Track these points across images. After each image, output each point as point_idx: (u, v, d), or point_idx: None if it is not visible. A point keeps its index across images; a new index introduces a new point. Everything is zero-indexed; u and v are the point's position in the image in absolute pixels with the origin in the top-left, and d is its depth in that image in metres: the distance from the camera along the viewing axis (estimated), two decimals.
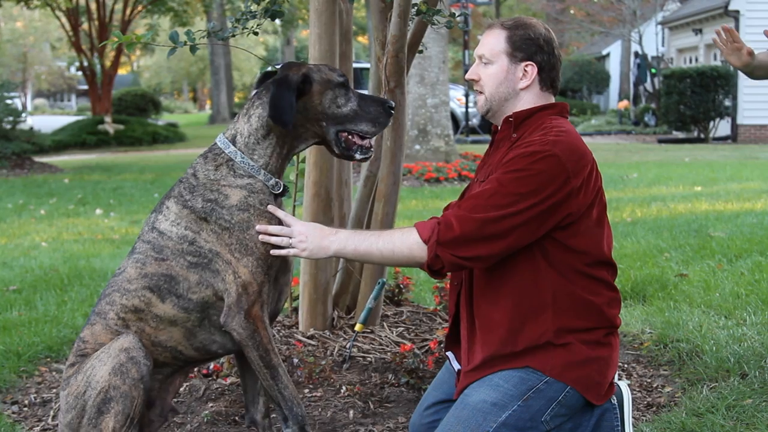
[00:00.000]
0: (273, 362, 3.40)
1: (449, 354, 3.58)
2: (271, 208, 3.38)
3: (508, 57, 3.32)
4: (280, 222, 3.36)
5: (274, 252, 3.33)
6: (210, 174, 3.41)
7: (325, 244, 3.29)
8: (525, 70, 3.32)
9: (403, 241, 3.21)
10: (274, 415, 3.69)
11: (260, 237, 3.31)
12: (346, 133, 3.42)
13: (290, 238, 3.32)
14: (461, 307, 3.44)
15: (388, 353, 4.83)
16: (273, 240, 3.32)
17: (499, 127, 3.41)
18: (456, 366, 3.51)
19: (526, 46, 3.31)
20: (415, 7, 4.80)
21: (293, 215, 5.20)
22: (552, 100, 3.39)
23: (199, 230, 3.35)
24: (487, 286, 3.31)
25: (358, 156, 3.47)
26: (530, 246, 3.19)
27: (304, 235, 3.31)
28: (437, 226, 3.14)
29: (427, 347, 4.86)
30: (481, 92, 3.40)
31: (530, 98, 3.34)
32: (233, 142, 3.44)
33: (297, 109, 3.35)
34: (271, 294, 3.45)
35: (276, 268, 3.43)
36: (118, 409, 3.26)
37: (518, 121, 3.33)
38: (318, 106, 3.40)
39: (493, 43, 3.35)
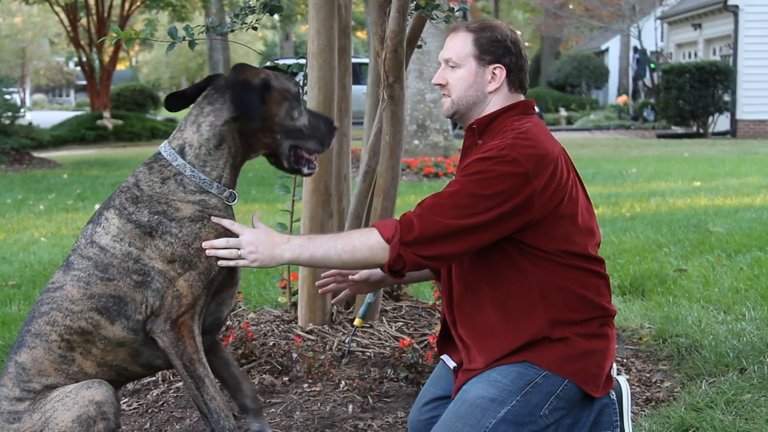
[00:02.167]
0: (198, 372, 3.26)
1: (444, 357, 3.57)
2: (215, 219, 3.24)
3: (476, 60, 3.30)
4: (228, 233, 3.25)
5: (222, 263, 3.22)
6: (156, 187, 3.23)
7: (277, 253, 3.19)
8: (493, 73, 3.30)
9: (363, 242, 3.15)
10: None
11: (207, 251, 3.20)
12: (297, 148, 3.36)
13: (239, 249, 3.21)
14: (446, 315, 3.47)
15: (387, 348, 4.83)
16: (221, 253, 3.21)
17: (464, 135, 3.41)
18: (452, 364, 3.51)
19: (494, 48, 3.29)
20: (414, 2, 4.79)
21: (292, 210, 5.23)
22: (521, 99, 3.37)
23: (144, 246, 3.18)
24: (467, 293, 3.31)
25: (305, 171, 3.42)
26: (503, 246, 3.18)
27: (253, 245, 3.19)
28: (399, 225, 3.11)
29: (426, 342, 4.86)
30: (447, 95, 3.38)
31: (498, 101, 3.32)
32: (182, 153, 3.26)
33: (257, 118, 3.24)
34: (211, 306, 3.34)
35: (218, 283, 3.30)
36: None
37: (481, 127, 3.32)
38: (274, 116, 3.30)
39: (459, 46, 3.33)
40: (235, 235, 3.24)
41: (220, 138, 3.26)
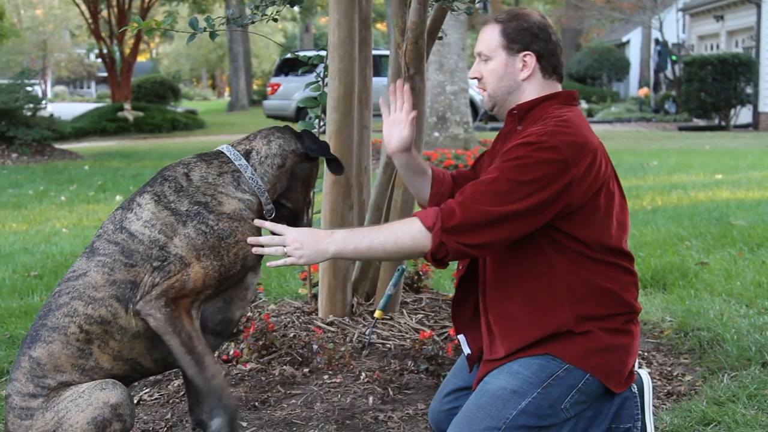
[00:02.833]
0: (198, 350, 3.22)
1: (460, 337, 3.56)
2: (257, 222, 3.32)
3: (505, 50, 3.30)
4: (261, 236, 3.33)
5: (271, 264, 3.26)
6: (209, 177, 3.30)
7: (322, 247, 3.18)
8: (524, 61, 3.29)
9: (406, 231, 3.13)
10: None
11: (254, 250, 3.27)
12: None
13: (284, 246, 3.21)
14: (468, 309, 3.47)
15: (408, 340, 4.83)
16: (267, 251, 3.25)
17: (504, 121, 3.40)
18: (467, 350, 3.51)
19: (521, 36, 3.29)
20: None
21: (313, 202, 5.22)
22: (558, 87, 3.35)
23: (174, 235, 3.20)
24: (498, 280, 3.30)
25: None
26: (536, 237, 3.17)
27: (298, 242, 3.19)
28: (440, 213, 3.10)
29: (446, 334, 4.85)
30: (483, 89, 3.39)
31: (534, 88, 3.32)
32: (247, 157, 3.39)
33: (305, 167, 3.50)
34: (218, 302, 3.34)
35: (231, 282, 3.32)
36: None
37: (522, 113, 3.31)
38: (313, 180, 3.59)
39: (488, 38, 3.33)
40: (280, 235, 3.26)
41: (283, 160, 3.42)
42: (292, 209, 3.52)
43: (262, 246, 3.27)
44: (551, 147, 3.08)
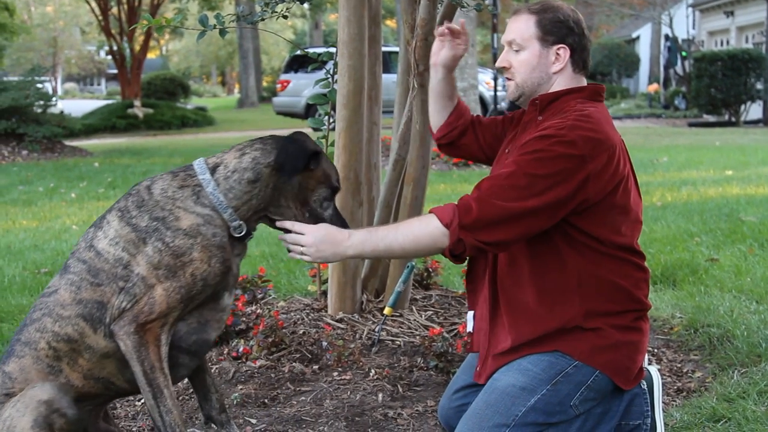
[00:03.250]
0: (158, 382, 3.15)
1: (470, 314, 3.55)
2: (279, 223, 3.26)
3: (539, 41, 3.28)
4: (221, 255, 3.21)
5: (292, 256, 3.23)
6: (169, 191, 3.20)
7: (340, 250, 3.18)
8: (557, 54, 3.28)
9: (423, 229, 3.12)
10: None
11: (279, 236, 3.25)
12: None
13: (302, 246, 3.20)
14: (484, 286, 3.43)
15: (417, 337, 4.83)
16: (288, 246, 3.24)
17: (526, 109, 3.39)
18: (470, 327, 3.52)
19: (557, 29, 3.28)
20: None
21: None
22: (584, 80, 3.35)
23: (136, 252, 3.13)
24: (511, 269, 3.29)
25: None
26: (550, 231, 3.16)
27: (316, 244, 3.17)
28: (456, 209, 3.08)
29: (455, 331, 4.85)
30: (511, 79, 3.37)
31: (563, 81, 3.31)
32: (213, 170, 3.25)
33: (293, 182, 3.23)
34: (193, 323, 3.26)
35: (199, 301, 3.22)
36: None
37: (544, 103, 3.30)
38: (310, 192, 3.29)
39: (522, 28, 3.31)
40: (300, 233, 3.23)
41: (257, 175, 3.23)
42: (324, 217, 3.34)
43: (287, 240, 3.25)
44: (569, 141, 3.07)
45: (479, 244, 3.08)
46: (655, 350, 4.98)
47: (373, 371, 4.48)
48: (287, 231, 3.25)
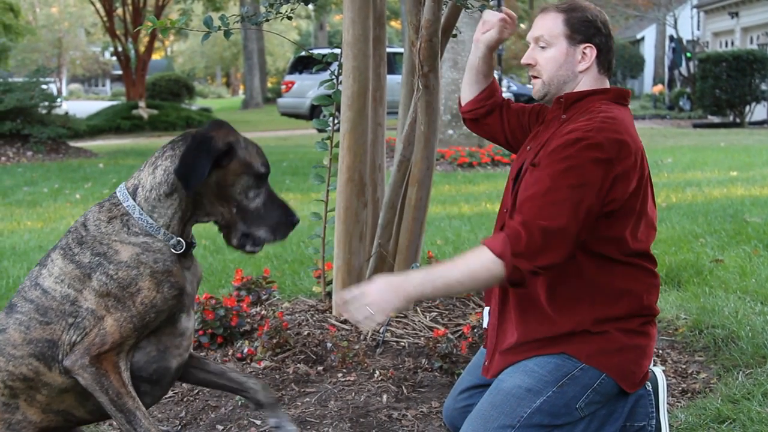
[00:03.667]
0: (128, 406, 3.07)
1: (486, 310, 3.56)
2: (335, 312, 3.16)
3: (567, 39, 3.28)
4: (170, 279, 3.13)
5: (366, 326, 3.13)
6: (101, 226, 3.11)
7: (403, 294, 3.08)
8: (584, 53, 3.28)
9: (478, 263, 3.08)
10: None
11: (346, 316, 3.11)
12: (248, 236, 3.21)
13: (367, 308, 3.06)
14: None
15: (422, 338, 4.83)
16: (354, 320, 3.10)
17: (550, 107, 3.39)
18: (486, 323, 3.52)
19: (585, 28, 3.28)
20: None
21: (327, 200, 5.24)
22: (607, 83, 3.36)
23: (82, 288, 3.06)
24: None
25: (248, 248, 3.24)
26: None
27: (377, 304, 3.05)
28: (507, 239, 3.06)
29: (460, 332, 4.85)
30: (536, 77, 3.37)
31: (588, 81, 3.31)
32: (134, 194, 3.14)
33: (209, 180, 3.10)
34: (152, 351, 3.18)
35: (152, 328, 3.13)
36: None
37: (569, 102, 3.30)
38: (229, 187, 3.15)
39: (550, 25, 3.31)
40: (361, 295, 3.12)
41: (171, 186, 3.12)
42: (223, 225, 3.23)
43: (349, 310, 3.10)
44: (597, 144, 3.07)
45: (536, 269, 3.06)
46: (660, 351, 4.97)
47: (377, 372, 4.48)
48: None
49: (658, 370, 3.49)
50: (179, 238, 3.15)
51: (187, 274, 3.23)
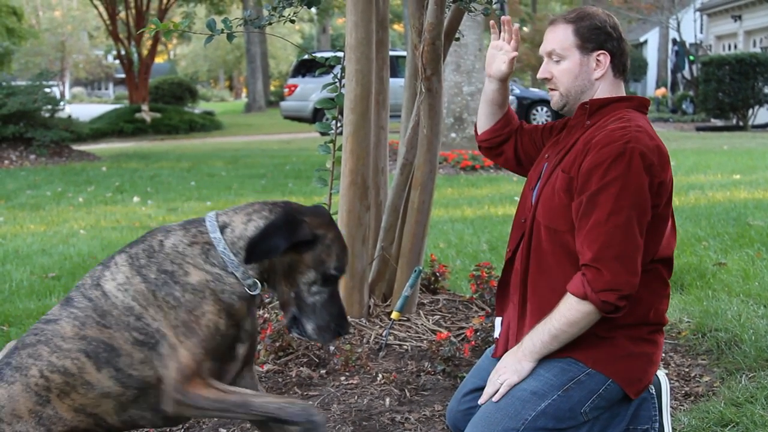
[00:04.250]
0: (236, 401, 3.08)
1: (497, 320, 3.57)
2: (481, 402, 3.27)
3: (579, 50, 3.29)
4: (230, 311, 3.13)
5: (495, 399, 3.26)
6: (179, 246, 3.14)
7: (524, 362, 3.24)
8: (598, 60, 3.29)
9: (568, 308, 3.13)
10: None
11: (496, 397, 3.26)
12: (297, 320, 3.22)
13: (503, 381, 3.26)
14: (515, 293, 3.44)
15: (425, 341, 4.83)
16: (498, 395, 3.25)
17: (574, 113, 3.39)
18: (497, 333, 3.54)
19: (595, 35, 3.29)
20: None
21: (330, 203, 5.24)
22: (623, 86, 3.38)
23: (147, 305, 3.06)
24: (540, 276, 3.30)
25: (293, 332, 3.26)
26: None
27: (507, 372, 3.25)
28: (583, 278, 3.10)
29: (463, 335, 4.85)
30: (554, 89, 3.37)
31: (605, 87, 3.32)
32: (222, 230, 3.16)
33: (283, 258, 3.13)
34: (212, 369, 3.15)
35: (221, 352, 3.14)
36: None
37: (594, 108, 3.31)
38: (298, 274, 3.17)
39: (561, 38, 3.32)
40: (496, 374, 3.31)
41: None
42: (281, 301, 3.27)
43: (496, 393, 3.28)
44: (641, 154, 3.10)
45: (624, 296, 3.10)
46: (663, 354, 4.96)
47: (380, 376, 4.48)
48: None
49: (661, 374, 3.50)
50: (256, 280, 3.15)
51: (248, 316, 3.24)
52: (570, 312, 3.12)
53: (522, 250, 3.39)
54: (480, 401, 3.29)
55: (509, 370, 3.25)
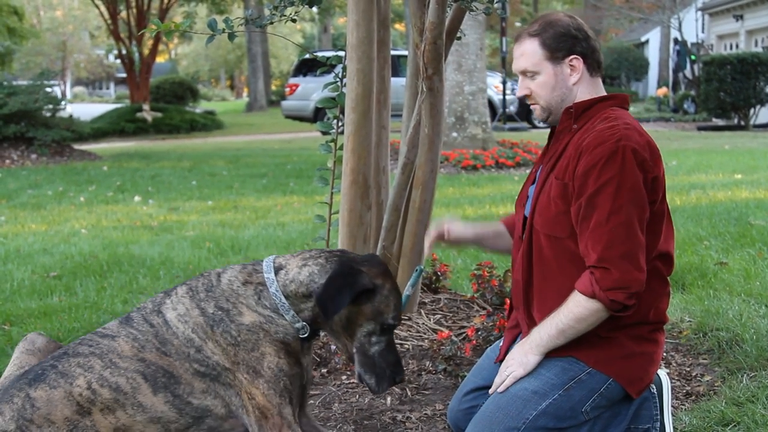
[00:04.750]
0: None
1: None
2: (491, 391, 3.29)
3: (550, 61, 3.29)
4: (287, 349, 3.16)
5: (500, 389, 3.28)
6: (234, 284, 3.18)
7: (531, 355, 3.25)
8: (571, 65, 3.29)
9: (577, 305, 3.14)
10: None
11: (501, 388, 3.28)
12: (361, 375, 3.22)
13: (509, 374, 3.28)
14: (518, 298, 3.46)
15: (426, 340, 4.82)
16: (506, 384, 3.27)
17: (559, 119, 3.38)
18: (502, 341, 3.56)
19: (563, 42, 3.29)
20: None
21: (331, 202, 5.24)
22: (600, 83, 3.38)
23: (206, 339, 3.10)
24: (545, 284, 3.30)
25: (363, 384, 3.29)
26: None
27: (514, 364, 3.28)
28: (591, 276, 3.11)
29: (464, 334, 4.85)
30: (535, 103, 3.38)
31: (584, 89, 3.33)
32: (277, 272, 3.20)
33: (342, 313, 3.12)
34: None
35: (296, 395, 3.17)
36: None
37: (579, 111, 3.31)
38: (357, 326, 3.17)
39: (530, 54, 3.32)
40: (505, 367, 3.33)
41: (309, 291, 3.15)
42: (343, 352, 3.29)
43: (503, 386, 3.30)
44: (633, 150, 3.11)
45: (633, 296, 3.11)
46: (665, 354, 4.96)
47: None
48: None
49: (662, 373, 3.50)
50: (305, 323, 3.18)
51: (305, 357, 3.26)
52: (578, 308, 3.13)
53: (522, 260, 3.39)
54: (489, 392, 3.30)
55: (516, 363, 3.27)
